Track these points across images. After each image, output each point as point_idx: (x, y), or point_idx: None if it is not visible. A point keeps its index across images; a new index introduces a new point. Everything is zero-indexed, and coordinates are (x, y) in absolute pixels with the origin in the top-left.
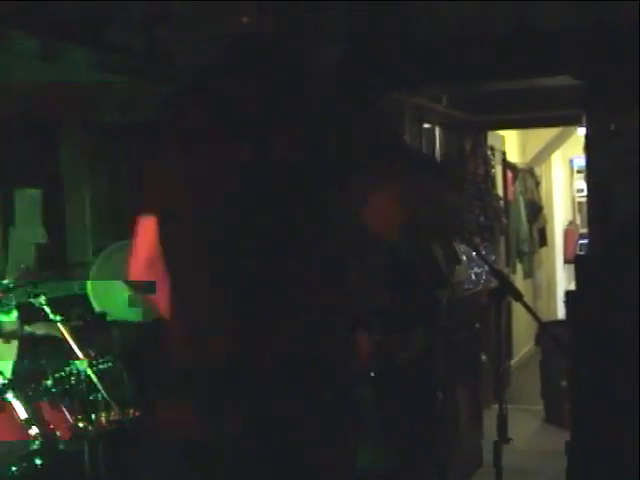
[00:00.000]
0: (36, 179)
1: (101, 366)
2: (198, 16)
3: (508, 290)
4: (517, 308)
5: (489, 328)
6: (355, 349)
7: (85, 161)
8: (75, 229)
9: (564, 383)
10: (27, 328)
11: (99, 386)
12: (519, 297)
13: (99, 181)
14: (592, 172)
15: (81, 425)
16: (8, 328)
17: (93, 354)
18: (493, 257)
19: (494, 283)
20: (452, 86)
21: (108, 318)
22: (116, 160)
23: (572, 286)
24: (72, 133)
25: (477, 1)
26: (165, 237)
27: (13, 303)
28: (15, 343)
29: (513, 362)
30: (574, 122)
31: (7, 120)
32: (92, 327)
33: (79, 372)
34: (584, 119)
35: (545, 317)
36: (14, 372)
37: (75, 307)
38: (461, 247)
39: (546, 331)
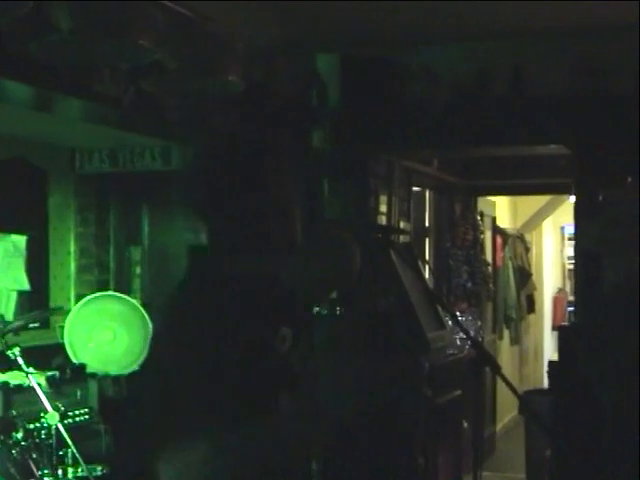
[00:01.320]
0: (22, 225)
1: (77, 419)
2: (185, 71)
3: (486, 361)
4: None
5: (471, 394)
6: None
7: (72, 209)
8: (58, 277)
9: (548, 453)
10: (1, 376)
11: (68, 441)
12: (497, 370)
13: (85, 230)
14: (580, 241)
15: None
16: None
17: (63, 408)
18: (479, 323)
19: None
20: (443, 150)
21: (87, 370)
22: (102, 209)
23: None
24: (61, 181)
25: (471, 66)
26: None
27: None
28: None
29: (498, 429)
30: (565, 190)
31: None
32: (71, 378)
33: (49, 426)
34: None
35: (531, 385)
36: None
37: (55, 356)
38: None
39: (525, 405)
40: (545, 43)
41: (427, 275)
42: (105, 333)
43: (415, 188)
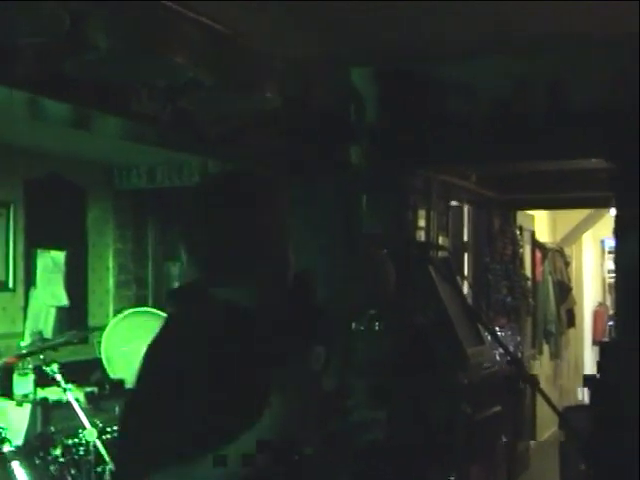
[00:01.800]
0: (61, 241)
1: (115, 435)
2: (222, 88)
3: (525, 377)
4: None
5: (510, 410)
6: None
7: (111, 225)
8: (97, 293)
9: (582, 467)
10: (40, 392)
11: (106, 458)
12: (536, 385)
13: (123, 246)
14: (621, 255)
15: None
16: (22, 392)
17: (101, 424)
18: (519, 338)
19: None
20: (482, 164)
21: (126, 386)
22: (140, 225)
23: None
24: (99, 198)
25: (510, 80)
26: None
27: (30, 366)
28: (28, 407)
29: (535, 443)
30: (605, 204)
31: (38, 183)
32: (109, 394)
33: (88, 442)
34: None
35: (571, 400)
36: (25, 438)
37: (93, 372)
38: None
39: (564, 420)
40: (585, 55)
41: (466, 290)
42: (141, 348)
43: (453, 203)
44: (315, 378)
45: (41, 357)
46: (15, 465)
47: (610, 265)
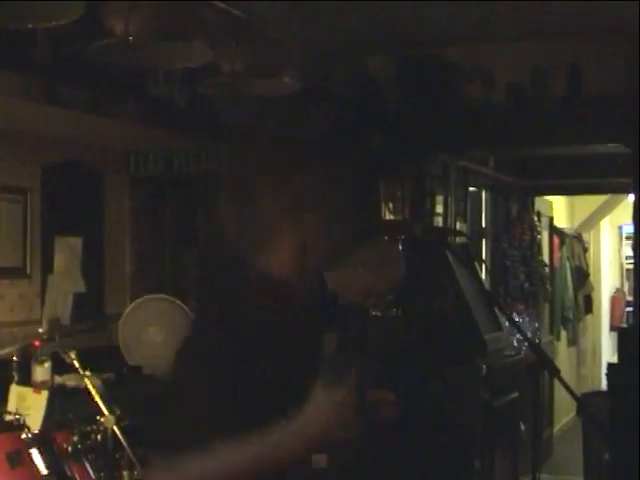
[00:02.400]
0: (78, 228)
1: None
2: (240, 73)
3: (545, 365)
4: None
5: (529, 396)
6: None
7: (127, 212)
8: (114, 279)
9: (606, 455)
10: (58, 379)
11: (124, 444)
12: (556, 373)
13: (140, 232)
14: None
15: None
16: (40, 378)
17: (119, 411)
18: (537, 324)
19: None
20: (500, 150)
21: (144, 372)
22: (157, 212)
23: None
24: (116, 184)
25: (528, 65)
26: None
27: (47, 353)
28: (45, 394)
29: (556, 430)
30: (623, 189)
31: (55, 169)
32: (126, 380)
33: (106, 428)
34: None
35: (589, 386)
36: (43, 425)
37: (111, 358)
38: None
39: (584, 408)
40: (602, 41)
41: (484, 276)
42: (157, 335)
43: (471, 188)
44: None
45: (59, 344)
46: (34, 452)
47: (628, 251)
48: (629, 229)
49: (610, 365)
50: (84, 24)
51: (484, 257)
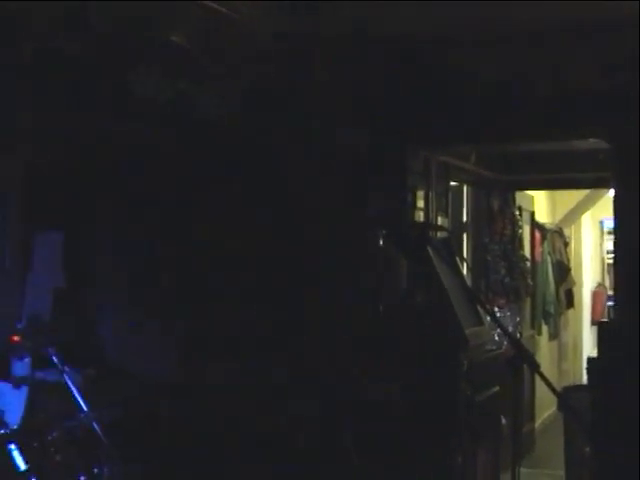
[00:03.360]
0: (59, 221)
1: (109, 417)
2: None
3: (524, 359)
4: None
5: (509, 390)
6: None
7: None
8: None
9: (587, 449)
10: (38, 375)
11: (103, 440)
12: (535, 367)
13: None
14: (620, 235)
15: (83, 479)
16: (20, 373)
17: (98, 406)
18: (518, 319)
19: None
20: (481, 145)
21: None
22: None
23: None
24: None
25: (510, 63)
26: None
27: (27, 348)
28: (25, 390)
29: (537, 425)
30: (604, 184)
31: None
32: (109, 376)
33: (85, 424)
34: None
35: (570, 380)
36: (23, 420)
37: (92, 354)
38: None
39: (563, 403)
40: (580, 38)
41: (465, 271)
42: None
43: (453, 183)
44: None
45: (38, 339)
46: (12, 447)
47: (609, 246)
48: (610, 224)
49: (590, 359)
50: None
51: (465, 252)
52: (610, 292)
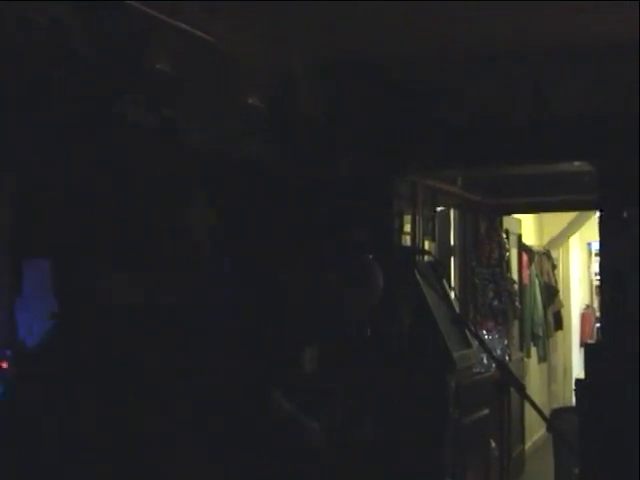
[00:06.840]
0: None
1: None
2: (205, 96)
3: (510, 382)
4: (530, 391)
5: (498, 413)
6: None
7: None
8: None
9: (577, 471)
10: None
11: None
12: (521, 390)
13: None
14: (605, 258)
15: None
16: None
17: None
18: (506, 341)
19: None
20: (467, 169)
21: None
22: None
23: None
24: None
25: (495, 86)
26: None
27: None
28: None
29: (527, 447)
30: (591, 207)
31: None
32: None
33: None
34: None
35: (560, 402)
36: None
37: None
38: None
39: (550, 425)
40: (567, 61)
41: (453, 295)
42: None
43: (439, 207)
44: None
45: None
46: None
47: (597, 268)
48: (598, 246)
49: (578, 381)
50: (52, 48)
51: (453, 275)
52: (599, 314)
